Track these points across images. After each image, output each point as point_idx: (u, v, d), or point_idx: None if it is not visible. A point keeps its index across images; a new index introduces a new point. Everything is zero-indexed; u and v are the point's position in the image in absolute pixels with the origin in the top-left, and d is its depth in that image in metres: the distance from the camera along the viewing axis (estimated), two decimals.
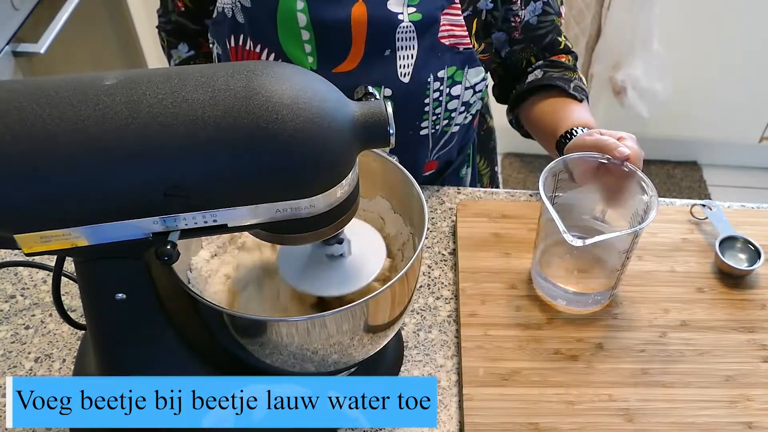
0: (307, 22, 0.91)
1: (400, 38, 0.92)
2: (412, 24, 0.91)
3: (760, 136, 2.46)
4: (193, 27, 1.06)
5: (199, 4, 1.01)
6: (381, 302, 0.66)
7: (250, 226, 0.59)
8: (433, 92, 0.96)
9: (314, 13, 0.90)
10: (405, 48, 0.92)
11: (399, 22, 0.91)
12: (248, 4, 0.92)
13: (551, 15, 1.02)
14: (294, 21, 0.91)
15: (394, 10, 0.91)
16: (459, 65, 0.95)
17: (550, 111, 1.02)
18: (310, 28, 0.91)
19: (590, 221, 0.89)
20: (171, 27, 1.09)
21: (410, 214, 0.75)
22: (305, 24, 0.91)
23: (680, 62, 2.18)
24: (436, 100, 0.97)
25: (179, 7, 1.04)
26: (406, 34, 0.92)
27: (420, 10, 0.91)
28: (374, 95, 0.63)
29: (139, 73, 0.56)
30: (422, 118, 0.98)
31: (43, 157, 0.52)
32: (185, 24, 1.06)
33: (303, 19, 0.91)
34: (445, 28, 0.93)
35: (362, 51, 0.92)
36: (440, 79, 0.95)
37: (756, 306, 0.90)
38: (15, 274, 0.94)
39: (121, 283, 0.62)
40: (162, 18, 1.10)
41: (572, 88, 1.01)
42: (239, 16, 0.93)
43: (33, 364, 0.84)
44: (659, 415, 0.78)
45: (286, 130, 0.53)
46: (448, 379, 0.83)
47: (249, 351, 0.68)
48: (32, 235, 0.55)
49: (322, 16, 0.91)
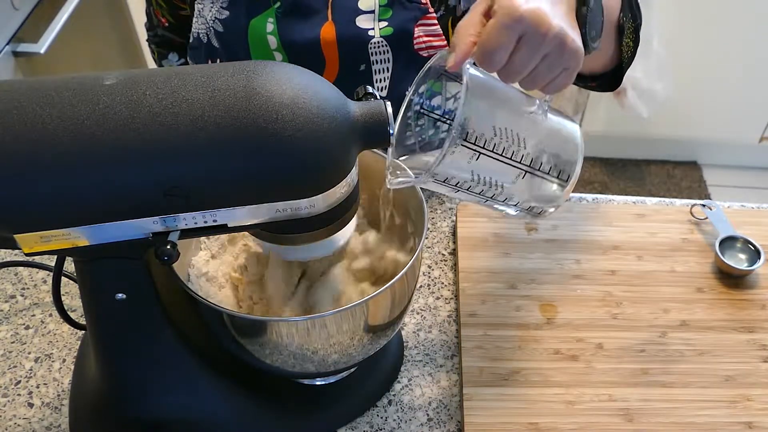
0: (278, 44, 0.91)
1: (374, 53, 0.91)
2: (384, 39, 0.90)
3: (760, 136, 2.46)
4: (180, 40, 1.07)
5: (180, 21, 1.03)
6: (381, 302, 0.66)
7: (250, 226, 0.59)
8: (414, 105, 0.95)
9: (284, 35, 0.90)
10: (380, 62, 0.92)
11: (370, 38, 0.90)
12: (221, 29, 0.92)
13: None
14: (265, 44, 0.91)
15: (363, 26, 0.90)
16: None
17: None
18: (282, 50, 0.91)
19: None
20: (159, 40, 1.10)
21: (410, 214, 0.75)
22: (276, 46, 0.91)
23: (680, 62, 2.18)
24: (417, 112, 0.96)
25: (163, 23, 1.06)
26: (379, 48, 0.91)
27: (392, 24, 0.90)
28: (374, 95, 0.63)
29: (139, 73, 0.56)
30: None
31: (43, 157, 0.52)
32: (172, 38, 1.08)
33: (273, 41, 0.91)
34: (421, 39, 0.92)
35: (336, 69, 0.92)
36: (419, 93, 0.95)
37: (756, 306, 0.90)
38: (15, 274, 0.94)
39: (121, 283, 0.62)
40: (150, 32, 1.12)
41: None
42: (214, 41, 0.94)
43: (33, 364, 0.84)
44: (659, 415, 0.78)
45: (286, 130, 0.53)
46: (448, 379, 0.83)
47: (249, 351, 0.68)
48: (32, 235, 0.55)
49: (291, 37, 0.90)
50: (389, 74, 0.93)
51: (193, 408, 0.72)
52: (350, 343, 0.67)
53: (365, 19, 0.90)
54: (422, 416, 0.79)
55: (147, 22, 1.11)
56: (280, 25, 0.90)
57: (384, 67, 0.92)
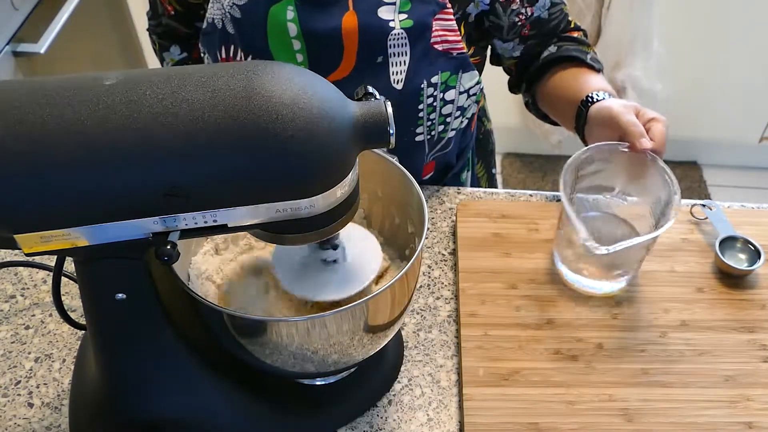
0: (297, 32, 0.91)
1: (392, 45, 0.91)
2: (404, 31, 0.91)
3: (760, 136, 2.46)
4: (185, 30, 1.06)
5: (189, 9, 1.02)
6: (381, 302, 0.66)
7: (250, 226, 0.59)
8: (427, 98, 0.95)
9: (305, 23, 0.90)
10: (397, 55, 0.92)
11: (390, 29, 0.90)
12: (238, 15, 0.92)
13: (559, 5, 1.02)
14: (284, 31, 0.91)
15: (384, 17, 0.90)
16: (452, 70, 0.95)
17: (568, 80, 1.00)
18: (301, 38, 0.91)
19: (610, 200, 0.90)
20: (162, 30, 1.09)
21: (410, 214, 0.75)
22: (296, 34, 0.91)
23: (680, 62, 2.18)
24: (430, 105, 0.96)
25: (169, 11, 1.04)
26: (398, 41, 0.91)
27: (411, 17, 0.91)
28: (374, 95, 0.63)
29: (139, 73, 0.56)
30: (417, 124, 0.98)
31: (43, 157, 0.52)
32: (176, 27, 1.07)
33: (294, 29, 0.90)
34: (437, 33, 0.92)
35: (354, 59, 0.92)
36: (434, 85, 0.95)
37: (756, 306, 0.90)
38: (15, 274, 0.94)
39: (121, 283, 0.62)
40: (152, 21, 1.10)
41: (589, 58, 1.00)
42: (229, 27, 0.93)
43: (33, 364, 0.84)
44: (659, 415, 0.78)
45: (286, 130, 0.53)
46: (448, 379, 0.83)
47: (249, 351, 0.68)
48: (32, 235, 0.55)
49: (312, 26, 0.90)
50: (406, 67, 0.93)
51: (193, 408, 0.72)
52: (350, 343, 0.67)
53: (386, 10, 0.91)
54: (422, 416, 0.79)
55: (150, 11, 1.09)
56: (301, 13, 0.90)
57: (401, 60, 0.92)
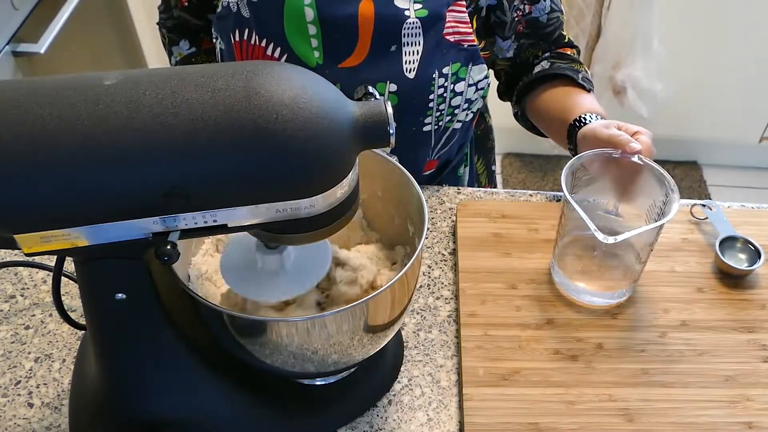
0: (314, 17, 0.92)
1: (406, 34, 0.93)
2: (419, 20, 0.92)
3: (760, 136, 2.46)
4: (196, 23, 1.06)
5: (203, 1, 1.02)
6: (381, 302, 0.66)
7: (249, 226, 0.59)
8: (438, 88, 0.97)
9: (322, 8, 0.91)
10: (411, 44, 0.93)
11: (405, 18, 0.92)
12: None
13: (556, 12, 1.05)
14: (301, 16, 0.92)
15: (401, 6, 0.92)
16: (463, 62, 0.96)
17: (559, 98, 1.03)
18: (317, 23, 0.92)
19: (604, 216, 0.90)
20: (172, 23, 1.09)
21: (410, 214, 0.75)
22: (312, 19, 0.92)
23: (680, 62, 2.18)
24: (440, 96, 0.98)
25: (182, 3, 1.05)
26: (412, 30, 0.93)
27: (426, 7, 0.93)
28: (374, 95, 0.63)
29: (139, 73, 0.56)
30: (426, 114, 0.99)
31: (43, 157, 0.52)
32: (188, 20, 1.07)
33: (310, 14, 0.92)
34: (450, 24, 0.94)
35: (368, 46, 0.93)
36: (444, 76, 0.96)
37: (756, 306, 0.90)
38: (15, 274, 0.94)
39: (121, 283, 0.62)
40: (163, 14, 1.10)
41: (581, 78, 1.03)
42: (244, 11, 0.94)
43: (33, 364, 0.84)
44: (659, 415, 0.78)
45: (285, 129, 0.53)
46: (448, 379, 0.83)
47: (249, 351, 0.68)
48: (32, 235, 0.55)
49: (330, 11, 0.91)
50: (418, 56, 0.94)
51: (193, 408, 0.72)
52: (350, 343, 0.67)
53: None
54: (422, 416, 0.79)
55: (162, 5, 1.10)
56: None
57: (414, 49, 0.94)
